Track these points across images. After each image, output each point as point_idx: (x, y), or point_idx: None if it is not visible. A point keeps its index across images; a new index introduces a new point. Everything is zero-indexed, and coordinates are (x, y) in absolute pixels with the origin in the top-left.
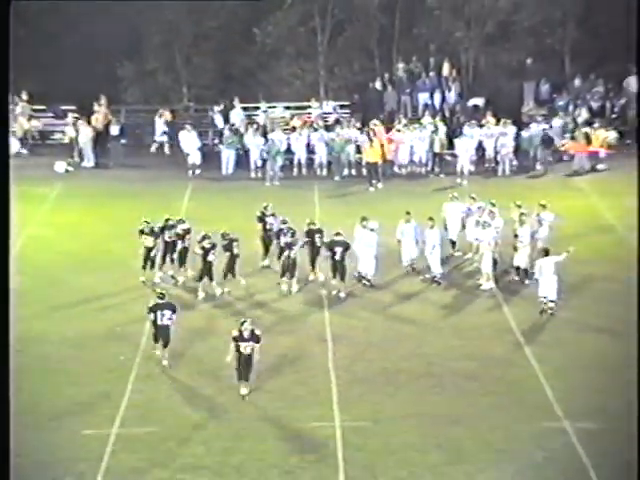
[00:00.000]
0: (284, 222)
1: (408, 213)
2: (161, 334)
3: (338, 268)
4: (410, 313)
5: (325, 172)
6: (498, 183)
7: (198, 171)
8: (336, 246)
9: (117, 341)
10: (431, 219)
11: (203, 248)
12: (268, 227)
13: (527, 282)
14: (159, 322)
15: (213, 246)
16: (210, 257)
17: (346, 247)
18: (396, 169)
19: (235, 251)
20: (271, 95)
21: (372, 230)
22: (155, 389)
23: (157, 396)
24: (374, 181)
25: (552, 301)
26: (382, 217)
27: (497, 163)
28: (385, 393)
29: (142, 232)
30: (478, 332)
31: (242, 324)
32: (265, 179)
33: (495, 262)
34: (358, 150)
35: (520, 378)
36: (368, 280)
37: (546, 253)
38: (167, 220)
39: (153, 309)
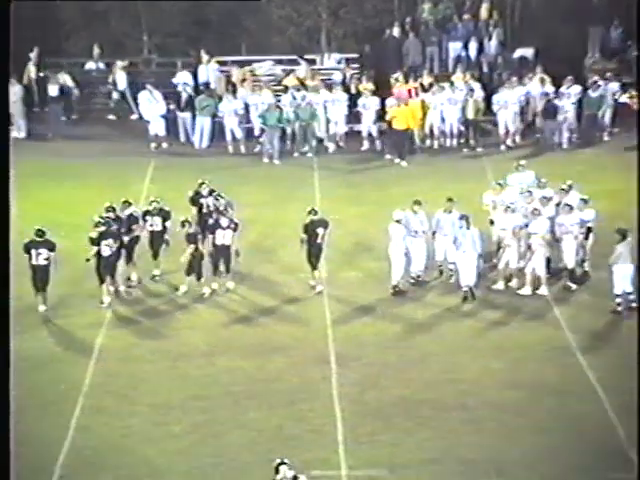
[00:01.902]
0: (225, 207)
1: (450, 200)
2: (38, 276)
3: (314, 253)
4: (437, 327)
5: (330, 143)
6: (553, 159)
7: (164, 144)
8: (319, 227)
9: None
10: (464, 218)
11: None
12: (206, 211)
13: (574, 287)
14: (34, 262)
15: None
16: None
17: (326, 226)
18: (417, 140)
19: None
20: (257, 46)
21: (398, 221)
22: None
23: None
24: (397, 157)
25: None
26: (400, 204)
27: (552, 133)
28: (404, 431)
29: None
30: (525, 352)
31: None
32: (254, 154)
33: (549, 261)
34: (380, 116)
35: (582, 413)
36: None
37: (623, 236)
38: (126, 203)
39: (28, 247)
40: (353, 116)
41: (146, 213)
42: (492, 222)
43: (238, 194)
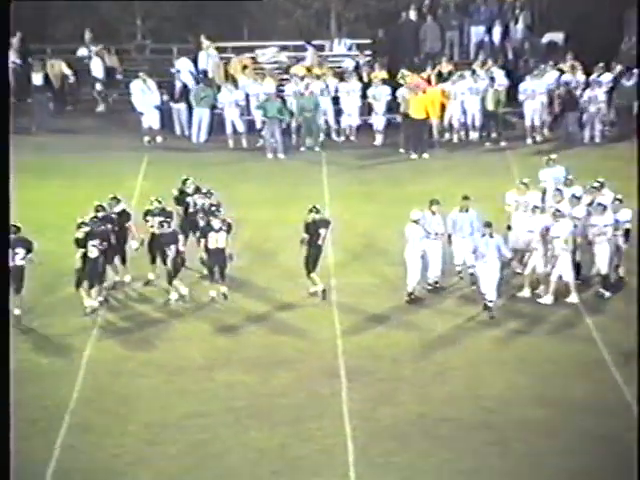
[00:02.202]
0: (213, 205)
1: (466, 198)
2: (13, 277)
3: (314, 256)
4: (457, 338)
5: (340, 137)
6: (583, 155)
7: (158, 138)
8: (321, 227)
9: None
10: (488, 225)
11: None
12: (192, 210)
13: (608, 295)
14: (11, 262)
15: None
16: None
17: (327, 226)
18: (435, 133)
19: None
20: (260, 30)
21: (415, 222)
22: None
23: None
24: (414, 151)
25: None
26: (417, 203)
27: (582, 126)
28: (421, 452)
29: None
30: (554, 366)
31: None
32: (257, 149)
33: (579, 267)
34: (392, 107)
35: (617, 433)
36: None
37: None
38: (115, 199)
39: None
40: (364, 108)
41: (147, 213)
42: (509, 228)
43: (238, 192)
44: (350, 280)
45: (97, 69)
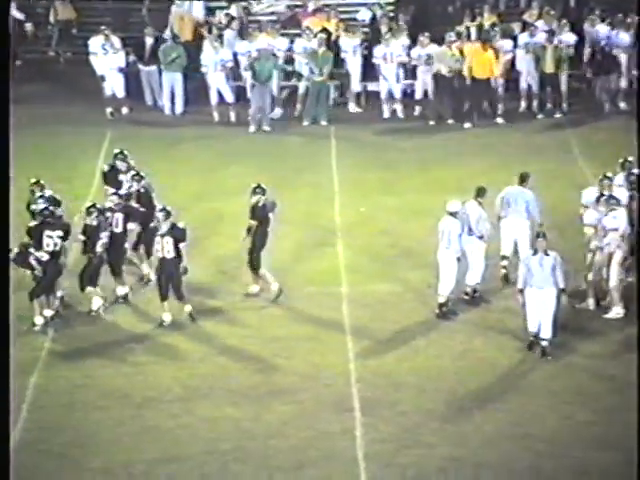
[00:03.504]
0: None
1: (524, 178)
2: None
3: (260, 246)
4: (501, 362)
5: (355, 107)
6: None
7: (124, 110)
8: (270, 211)
9: None
10: (541, 237)
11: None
12: (126, 192)
13: None
14: None
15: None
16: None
17: (274, 209)
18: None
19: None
20: None
21: (452, 214)
22: None
23: None
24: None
25: None
26: (451, 192)
27: (606, 95)
28: None
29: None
30: (621, 398)
31: None
32: (248, 123)
33: (627, 271)
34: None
35: None
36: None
37: None
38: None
39: None
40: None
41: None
42: (590, 250)
43: (224, 177)
44: (365, 288)
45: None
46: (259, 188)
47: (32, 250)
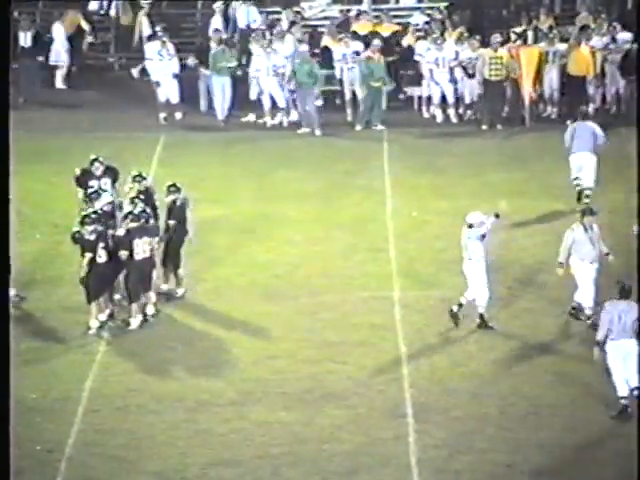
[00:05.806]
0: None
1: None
2: None
3: (177, 245)
4: (559, 369)
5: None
6: None
7: (177, 115)
8: (186, 208)
9: None
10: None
11: None
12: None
13: None
14: None
15: None
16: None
17: (189, 205)
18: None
19: None
20: None
21: (471, 227)
22: None
23: None
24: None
25: None
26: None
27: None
28: None
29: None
30: None
31: None
32: (300, 127)
33: None
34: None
35: None
36: (587, 316)
37: None
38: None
39: None
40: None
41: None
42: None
43: (274, 182)
44: (418, 293)
45: (58, 32)
46: (173, 187)
47: (106, 240)
